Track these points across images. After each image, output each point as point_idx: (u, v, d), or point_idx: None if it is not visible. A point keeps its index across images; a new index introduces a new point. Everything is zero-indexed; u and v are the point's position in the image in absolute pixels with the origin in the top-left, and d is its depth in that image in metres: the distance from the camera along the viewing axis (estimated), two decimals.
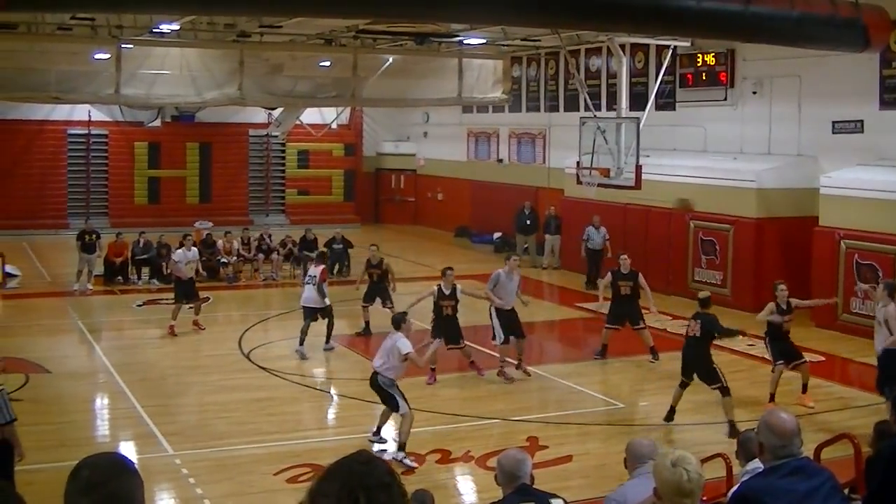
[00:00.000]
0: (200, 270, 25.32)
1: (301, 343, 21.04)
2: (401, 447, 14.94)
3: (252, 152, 44.62)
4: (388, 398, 15.21)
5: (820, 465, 7.50)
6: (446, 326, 19.41)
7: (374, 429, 15.66)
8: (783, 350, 17.97)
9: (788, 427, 5.86)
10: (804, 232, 24.45)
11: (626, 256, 21.54)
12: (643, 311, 21.21)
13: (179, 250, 24.41)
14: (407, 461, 14.64)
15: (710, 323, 16.67)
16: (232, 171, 43.74)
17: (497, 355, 19.98)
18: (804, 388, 18.02)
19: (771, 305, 17.99)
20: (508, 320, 19.80)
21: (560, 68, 35.11)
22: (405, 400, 15.12)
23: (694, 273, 27.35)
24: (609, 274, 21.78)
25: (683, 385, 16.79)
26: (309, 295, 21.52)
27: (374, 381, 15.25)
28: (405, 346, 15.00)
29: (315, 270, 21.85)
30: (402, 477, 11.24)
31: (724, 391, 16.28)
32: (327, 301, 21.50)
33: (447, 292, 19.53)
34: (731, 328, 17.38)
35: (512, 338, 19.81)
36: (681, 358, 17.05)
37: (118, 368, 19.78)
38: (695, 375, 16.71)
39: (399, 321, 15.42)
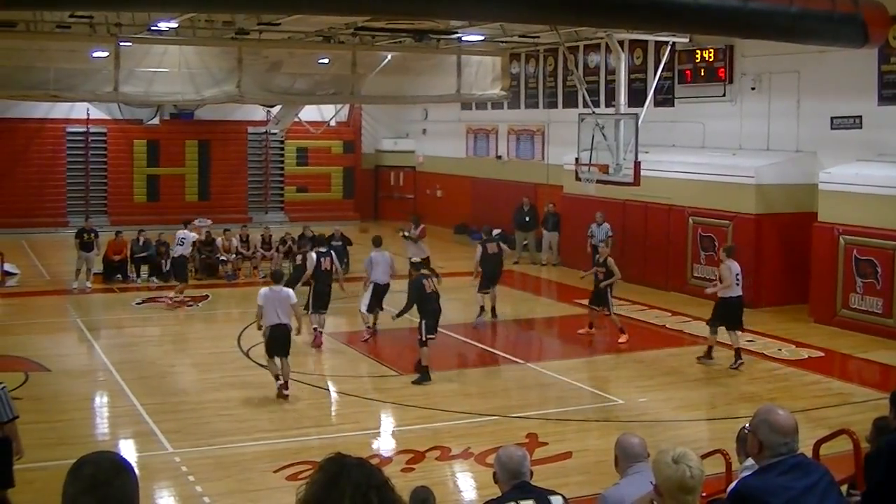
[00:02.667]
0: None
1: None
2: (286, 384, 17.58)
3: (251, 150, 44.60)
4: (288, 345, 17.61)
5: (817, 461, 7.50)
6: None
7: (283, 381, 17.59)
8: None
9: (789, 424, 5.86)
10: (803, 228, 24.46)
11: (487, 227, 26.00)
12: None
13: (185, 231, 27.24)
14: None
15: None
16: (231, 169, 43.73)
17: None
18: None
19: None
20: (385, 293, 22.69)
21: (559, 65, 35.09)
22: None
23: (693, 269, 27.36)
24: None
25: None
26: (415, 251, 25.08)
27: (286, 334, 17.53)
28: (293, 295, 17.81)
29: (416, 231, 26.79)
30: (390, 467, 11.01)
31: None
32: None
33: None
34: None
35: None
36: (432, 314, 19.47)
37: (117, 366, 19.78)
38: None
39: (281, 275, 18.49)
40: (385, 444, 15.95)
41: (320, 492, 3.69)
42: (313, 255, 22.38)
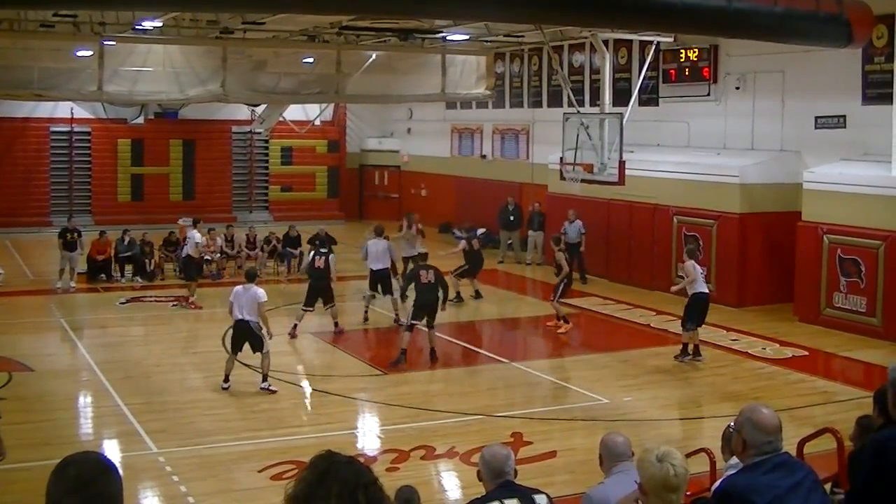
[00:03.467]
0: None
1: None
2: (265, 378, 17.99)
3: (235, 149, 44.50)
4: (257, 340, 18.02)
5: (801, 460, 7.51)
6: None
7: (262, 376, 18.05)
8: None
9: (773, 423, 5.85)
10: (787, 227, 24.51)
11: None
12: None
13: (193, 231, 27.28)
14: (271, 388, 17.90)
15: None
16: (215, 168, 43.64)
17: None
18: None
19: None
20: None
21: (543, 64, 35.12)
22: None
23: (678, 269, 27.31)
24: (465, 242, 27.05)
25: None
26: (407, 249, 27.60)
27: (248, 329, 18.00)
28: (263, 294, 18.15)
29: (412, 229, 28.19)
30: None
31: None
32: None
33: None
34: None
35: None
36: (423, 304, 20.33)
37: (102, 366, 19.73)
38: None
39: (254, 275, 19.00)
40: (370, 443, 15.96)
41: (308, 489, 3.69)
42: (311, 253, 24.06)
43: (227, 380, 18.10)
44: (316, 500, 3.65)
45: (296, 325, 22.56)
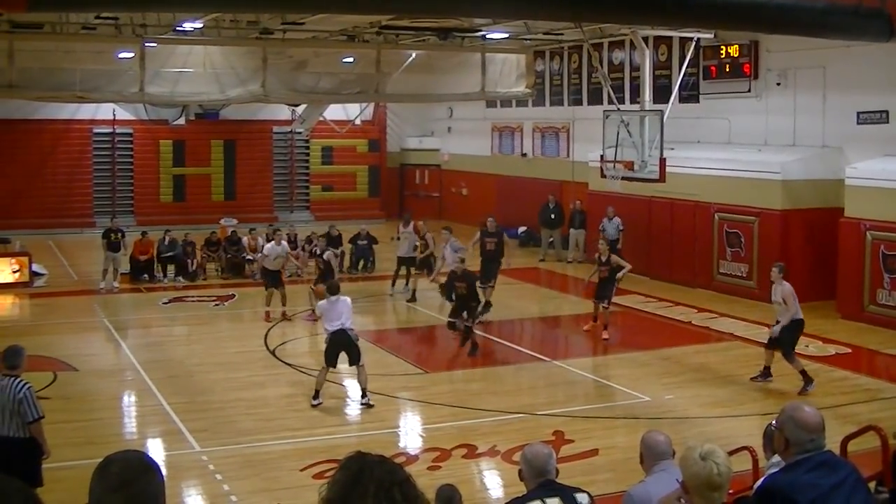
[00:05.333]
0: (293, 262, 28.30)
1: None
2: (365, 393, 17.23)
3: (276, 149, 44.69)
4: (356, 351, 17.24)
5: (844, 458, 7.46)
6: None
7: (361, 391, 17.29)
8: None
9: (815, 421, 5.82)
10: (830, 223, 24.34)
11: (492, 218, 25.60)
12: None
13: (269, 244, 25.83)
14: (370, 402, 17.14)
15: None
16: (256, 169, 43.82)
17: None
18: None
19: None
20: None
21: (583, 62, 35.02)
22: None
23: (719, 266, 27.27)
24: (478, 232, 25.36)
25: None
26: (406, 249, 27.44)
27: (348, 338, 17.17)
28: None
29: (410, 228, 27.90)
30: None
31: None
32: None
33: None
34: None
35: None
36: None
37: (145, 366, 19.86)
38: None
39: (337, 286, 17.84)
40: (412, 442, 15.97)
41: (343, 490, 3.69)
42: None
43: (317, 395, 17.18)
44: (353, 501, 3.66)
45: None
